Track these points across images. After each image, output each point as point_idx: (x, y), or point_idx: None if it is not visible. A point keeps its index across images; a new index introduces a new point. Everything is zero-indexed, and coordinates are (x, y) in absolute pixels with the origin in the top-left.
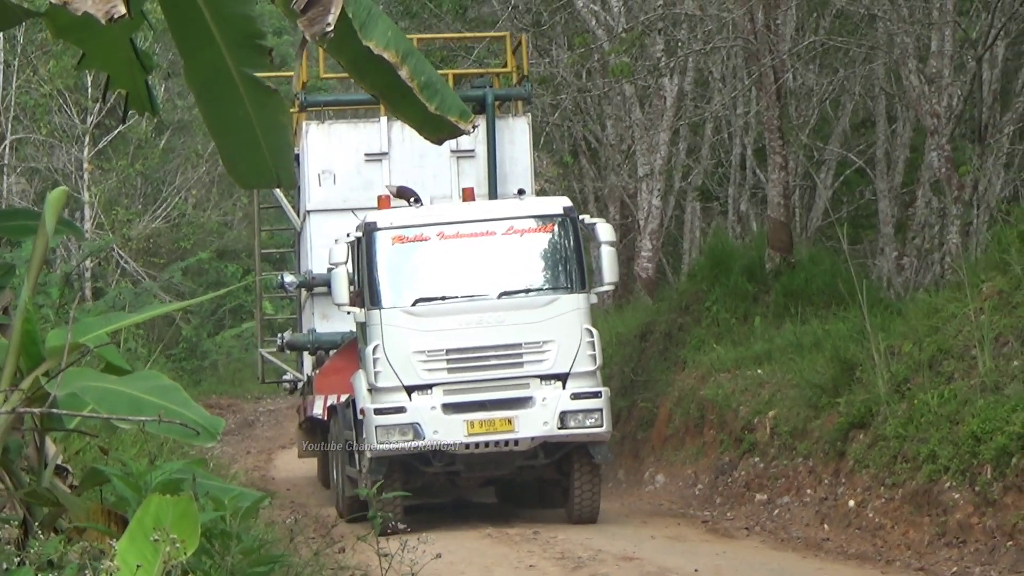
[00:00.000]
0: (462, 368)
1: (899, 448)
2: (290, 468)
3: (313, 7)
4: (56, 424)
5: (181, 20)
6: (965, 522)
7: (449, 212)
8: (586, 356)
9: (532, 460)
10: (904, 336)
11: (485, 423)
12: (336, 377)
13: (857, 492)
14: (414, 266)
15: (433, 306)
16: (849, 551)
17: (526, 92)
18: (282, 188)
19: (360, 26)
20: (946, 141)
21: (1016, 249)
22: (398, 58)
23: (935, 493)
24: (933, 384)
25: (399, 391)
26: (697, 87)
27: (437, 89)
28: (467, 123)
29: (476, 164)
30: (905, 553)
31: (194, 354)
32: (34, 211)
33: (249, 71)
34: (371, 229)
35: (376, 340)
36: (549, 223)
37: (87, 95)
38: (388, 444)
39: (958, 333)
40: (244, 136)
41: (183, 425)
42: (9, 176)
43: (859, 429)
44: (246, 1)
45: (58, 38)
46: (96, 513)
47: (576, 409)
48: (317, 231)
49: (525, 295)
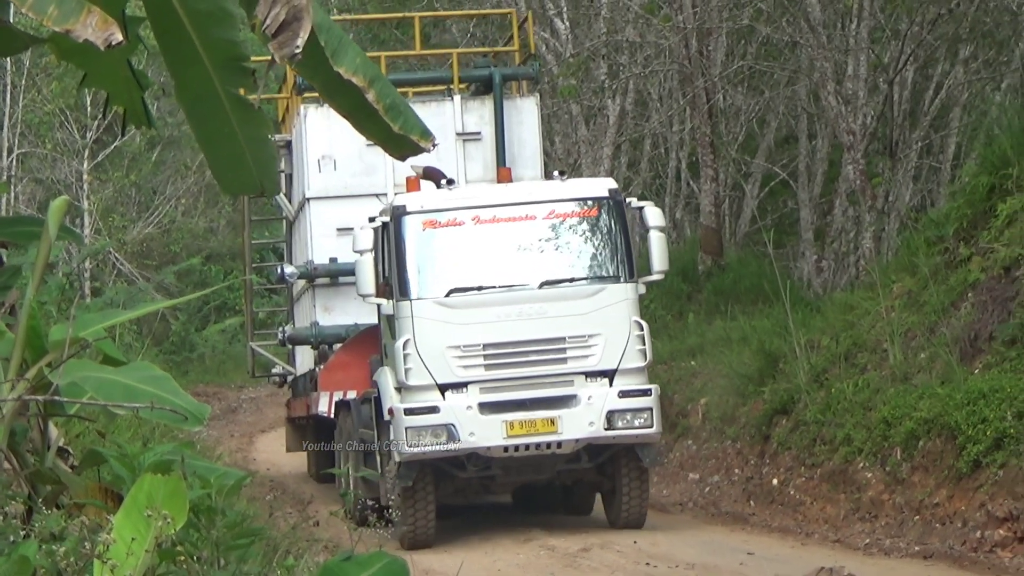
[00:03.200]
0: (500, 364)
1: (817, 432)
2: (270, 450)
3: (283, 32)
4: (58, 410)
5: (172, 44)
6: (877, 499)
7: (485, 195)
8: (635, 351)
9: (574, 463)
10: (822, 331)
11: (525, 424)
12: (342, 373)
13: (780, 472)
14: (447, 253)
15: (468, 297)
16: (772, 525)
17: (533, 71)
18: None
19: (331, 53)
20: (861, 156)
21: (923, 253)
22: (366, 83)
23: (850, 473)
24: (848, 374)
25: (431, 389)
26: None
27: (400, 111)
28: (427, 142)
29: (483, 147)
30: (823, 527)
31: (183, 347)
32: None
33: (233, 90)
34: (400, 213)
35: (406, 334)
36: (593, 206)
37: (86, 113)
38: (419, 447)
39: (871, 328)
40: (230, 148)
41: (173, 411)
42: (15, 186)
43: (782, 415)
44: (230, 27)
45: (62, 60)
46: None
47: (624, 408)
48: (317, 219)
49: (569, 285)
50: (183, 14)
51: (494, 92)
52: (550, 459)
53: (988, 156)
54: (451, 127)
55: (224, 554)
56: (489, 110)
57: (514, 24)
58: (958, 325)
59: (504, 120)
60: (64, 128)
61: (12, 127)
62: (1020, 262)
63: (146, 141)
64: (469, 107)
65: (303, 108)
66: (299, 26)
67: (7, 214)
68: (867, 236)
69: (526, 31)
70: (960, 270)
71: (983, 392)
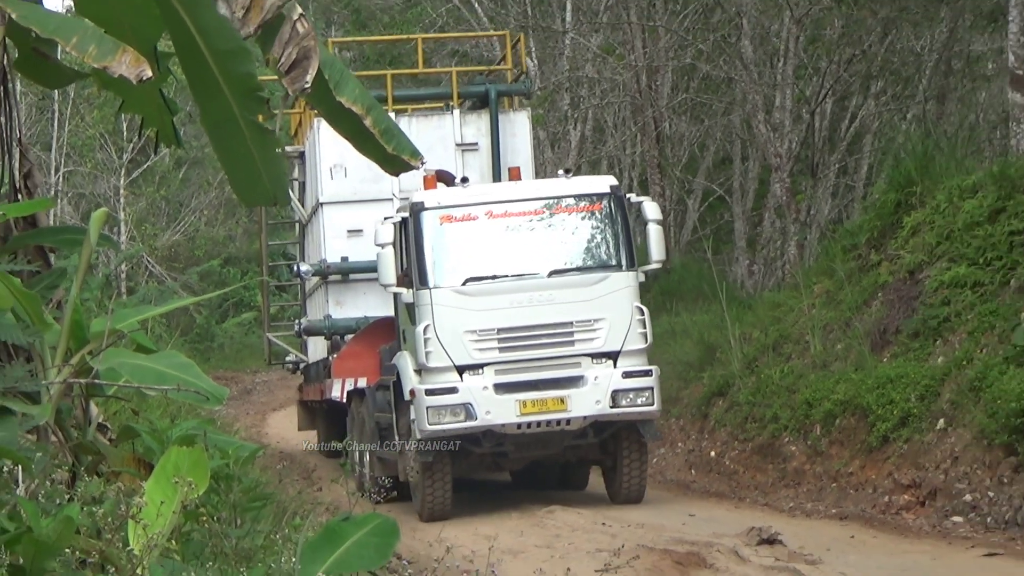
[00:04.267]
0: (513, 347)
1: (749, 411)
2: (280, 427)
3: (295, 69)
4: (98, 392)
5: (197, 77)
6: (800, 468)
7: (497, 191)
8: (637, 334)
9: (581, 439)
10: (753, 325)
11: (537, 403)
12: (354, 361)
13: (717, 445)
14: (463, 245)
15: (483, 285)
16: (711, 490)
17: (525, 87)
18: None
19: (334, 85)
20: (786, 175)
21: (840, 259)
22: (363, 110)
23: (777, 446)
24: (776, 362)
25: (450, 371)
26: (595, 133)
27: (394, 134)
28: (416, 160)
29: (480, 156)
30: (754, 492)
31: (205, 338)
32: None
33: (250, 116)
34: (419, 209)
35: (426, 320)
36: (596, 201)
37: (123, 136)
38: (440, 425)
39: (795, 323)
40: (247, 166)
41: (196, 393)
42: (61, 200)
43: (719, 396)
44: (247, 62)
45: (103, 89)
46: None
47: (628, 388)
48: (330, 222)
49: (575, 273)
50: (207, 52)
51: (490, 106)
52: (559, 435)
53: (895, 176)
54: (451, 138)
55: (240, 515)
56: (485, 123)
57: (507, 45)
58: (869, 320)
59: (499, 132)
60: (103, 149)
61: (59, 149)
62: (922, 267)
63: (174, 160)
64: (467, 120)
65: (316, 122)
66: (308, 64)
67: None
68: (792, 244)
69: (518, 51)
70: (871, 273)
71: (890, 377)
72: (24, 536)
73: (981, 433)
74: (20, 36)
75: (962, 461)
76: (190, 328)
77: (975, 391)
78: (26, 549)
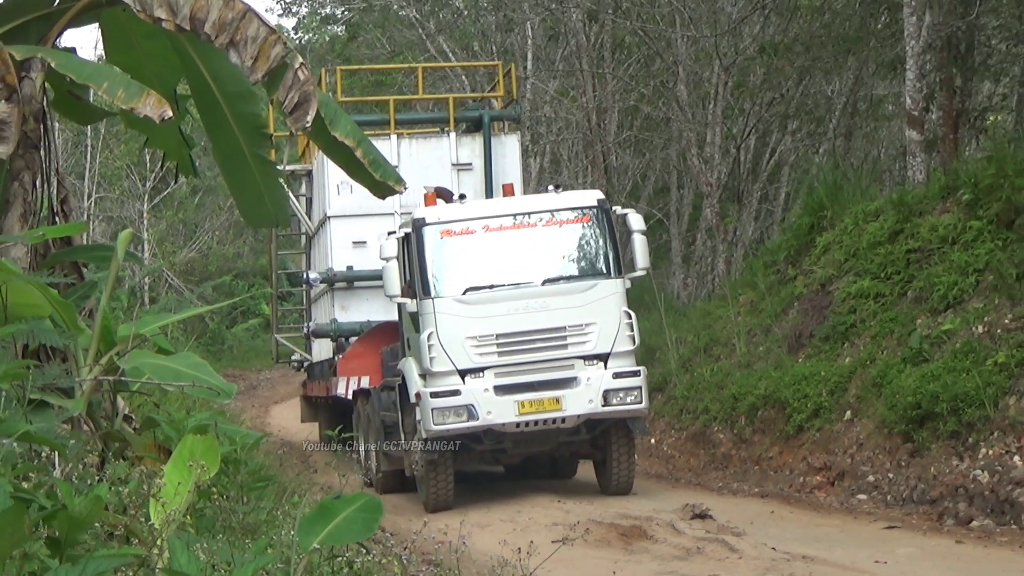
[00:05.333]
0: (511, 351)
1: (684, 404)
2: (282, 417)
3: (297, 110)
4: (124, 387)
5: (210, 116)
6: (727, 454)
7: (492, 207)
8: (625, 337)
9: (574, 436)
10: (688, 331)
11: (535, 403)
12: (357, 361)
13: (657, 433)
14: (462, 257)
15: (482, 294)
16: (651, 472)
17: (515, 113)
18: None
19: (330, 122)
20: (716, 201)
21: (761, 273)
22: (355, 143)
23: (708, 434)
24: (707, 362)
25: (453, 375)
26: (552, 164)
27: (381, 163)
28: (400, 186)
29: (474, 175)
30: (688, 474)
31: (216, 340)
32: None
33: (256, 150)
34: (421, 224)
35: (430, 328)
36: (585, 214)
37: (146, 167)
38: (444, 425)
39: (723, 329)
40: (253, 193)
41: (209, 388)
42: (93, 222)
43: (658, 392)
44: (254, 103)
45: (130, 128)
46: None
47: (618, 387)
48: (337, 234)
49: (567, 281)
50: (219, 94)
51: (483, 130)
52: (554, 433)
53: (809, 202)
54: (447, 159)
55: (246, 494)
56: (479, 145)
57: (499, 74)
58: (787, 326)
59: (492, 153)
60: (129, 178)
61: (91, 178)
62: (832, 280)
63: (190, 188)
64: (462, 142)
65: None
66: (309, 105)
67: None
68: (720, 261)
69: (510, 79)
70: (788, 286)
71: (805, 375)
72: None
73: (882, 423)
74: (57, 80)
75: (866, 447)
76: (204, 332)
77: (877, 387)
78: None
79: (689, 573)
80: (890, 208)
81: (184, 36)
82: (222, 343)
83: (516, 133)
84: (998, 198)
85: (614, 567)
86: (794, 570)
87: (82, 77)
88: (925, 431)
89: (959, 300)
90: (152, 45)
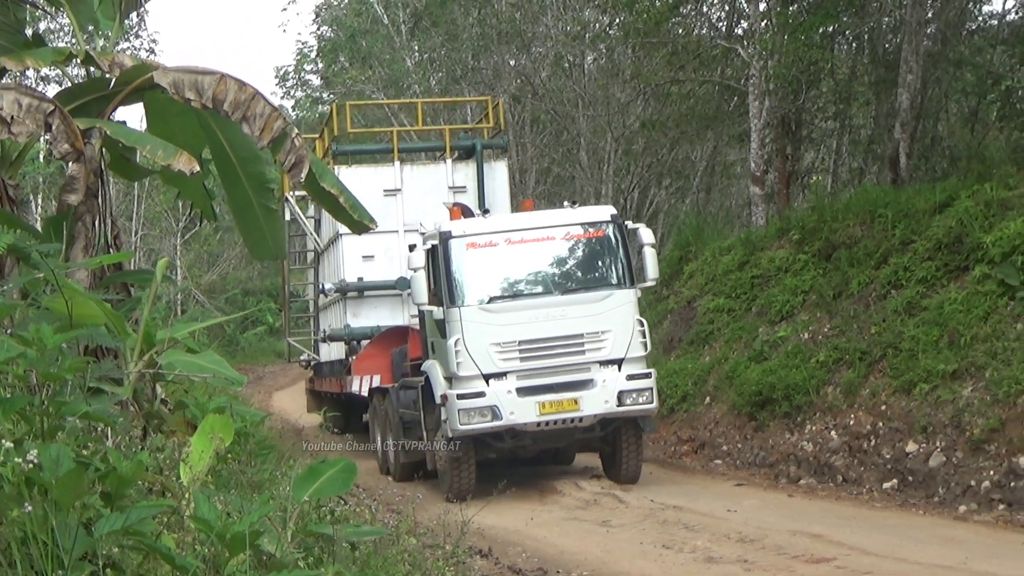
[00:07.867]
0: (532, 356)
1: None
2: (282, 401)
3: (294, 168)
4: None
5: (227, 174)
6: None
7: (514, 221)
8: (638, 343)
9: (589, 433)
10: None
11: (554, 403)
12: (370, 362)
13: None
14: (486, 268)
15: (505, 303)
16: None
17: (503, 142)
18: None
19: (318, 176)
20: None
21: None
22: (338, 192)
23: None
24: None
25: (478, 378)
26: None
27: (358, 207)
28: (372, 224)
29: (468, 197)
30: None
31: (232, 343)
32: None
33: (262, 201)
34: (447, 237)
35: (456, 334)
36: (600, 228)
37: (179, 212)
38: (470, 425)
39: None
40: (258, 233)
41: (225, 379)
42: (138, 252)
43: None
44: (261, 164)
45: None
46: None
47: (631, 389)
48: (348, 249)
49: (584, 291)
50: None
51: (476, 157)
52: (571, 431)
53: (679, 240)
54: (444, 182)
55: (253, 459)
56: (472, 170)
57: (489, 108)
58: (662, 333)
59: (483, 177)
60: (166, 220)
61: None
62: (696, 299)
63: (213, 228)
64: (457, 168)
65: (336, 168)
66: (303, 165)
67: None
68: None
69: (499, 112)
70: (664, 303)
71: (675, 370)
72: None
73: (733, 407)
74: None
75: (721, 424)
76: (222, 336)
77: (729, 379)
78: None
79: (588, 518)
80: (739, 245)
81: (207, 112)
82: (236, 345)
83: (504, 159)
84: (819, 237)
85: (532, 515)
86: (667, 516)
87: (131, 141)
88: (765, 412)
89: (791, 313)
90: (183, 120)
